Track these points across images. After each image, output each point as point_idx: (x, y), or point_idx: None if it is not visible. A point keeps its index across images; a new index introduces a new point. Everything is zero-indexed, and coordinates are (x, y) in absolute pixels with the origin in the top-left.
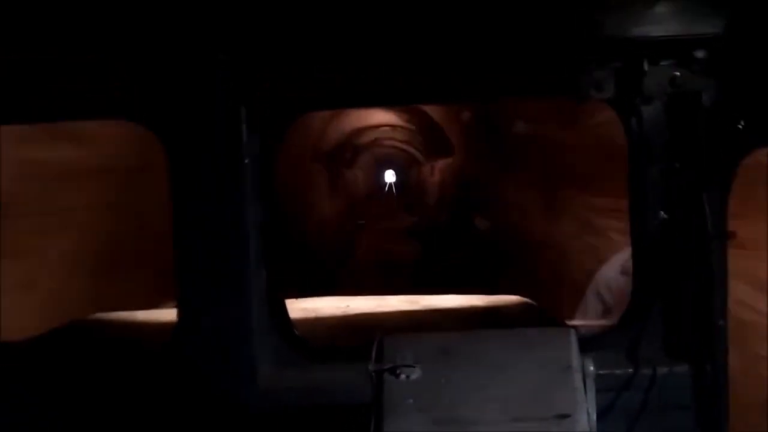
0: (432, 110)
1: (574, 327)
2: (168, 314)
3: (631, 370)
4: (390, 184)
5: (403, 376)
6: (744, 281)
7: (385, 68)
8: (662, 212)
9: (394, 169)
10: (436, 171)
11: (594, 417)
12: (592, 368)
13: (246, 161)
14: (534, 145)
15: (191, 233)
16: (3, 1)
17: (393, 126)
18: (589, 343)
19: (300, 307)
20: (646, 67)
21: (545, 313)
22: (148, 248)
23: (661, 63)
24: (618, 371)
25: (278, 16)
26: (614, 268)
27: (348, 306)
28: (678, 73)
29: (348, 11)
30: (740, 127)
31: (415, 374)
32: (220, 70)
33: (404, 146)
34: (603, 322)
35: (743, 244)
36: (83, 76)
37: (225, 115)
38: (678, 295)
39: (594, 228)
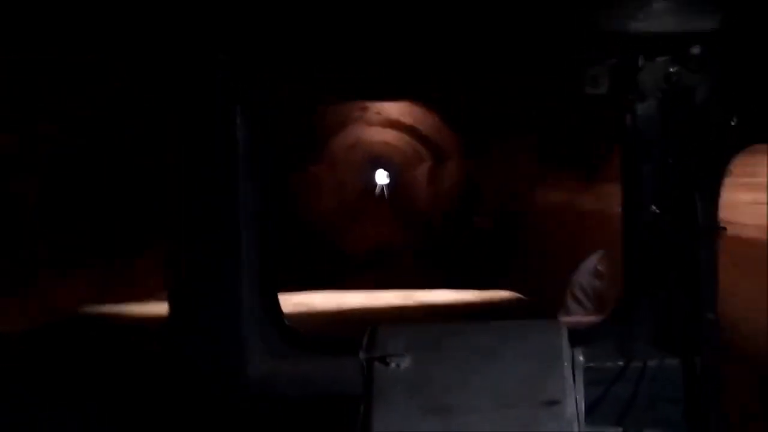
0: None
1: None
2: (159, 308)
3: (621, 363)
4: (382, 187)
5: (393, 365)
6: None
7: (386, 62)
8: (653, 207)
9: (386, 169)
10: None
11: (582, 405)
12: (581, 359)
13: (240, 151)
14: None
15: (183, 221)
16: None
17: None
18: (579, 337)
19: (293, 302)
20: (641, 63)
21: (536, 307)
22: None
23: (657, 59)
24: (608, 364)
25: (276, 17)
26: (587, 272)
27: (342, 295)
28: (673, 70)
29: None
30: (732, 124)
31: (406, 363)
32: (219, 64)
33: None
34: (588, 319)
35: None
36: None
37: (222, 104)
38: (668, 290)
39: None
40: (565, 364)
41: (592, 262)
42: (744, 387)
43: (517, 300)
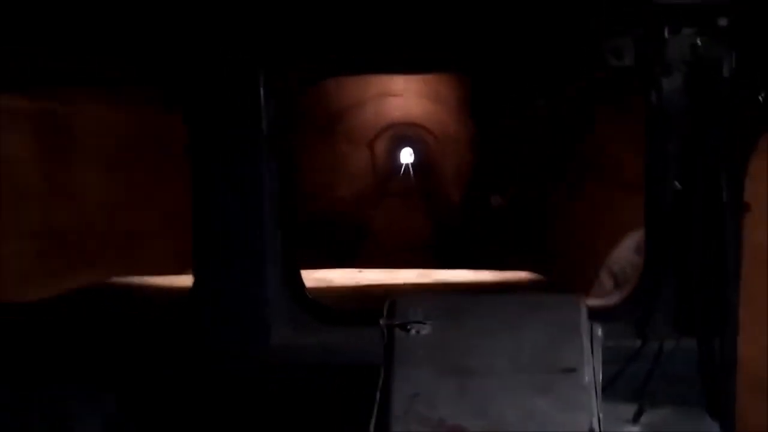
0: None
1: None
2: (182, 279)
3: (638, 342)
4: (407, 166)
5: (413, 331)
6: None
7: (407, 36)
8: (676, 183)
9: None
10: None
11: (600, 376)
12: (599, 332)
13: (264, 125)
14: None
15: (209, 197)
16: None
17: None
18: (599, 315)
19: (313, 277)
20: (667, 34)
21: (555, 288)
22: None
23: (683, 31)
24: (626, 342)
25: None
26: (629, 248)
27: (361, 272)
28: (699, 42)
29: None
30: (761, 99)
31: (426, 330)
32: (240, 35)
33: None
34: (613, 297)
35: None
36: (110, 44)
37: (244, 79)
38: (690, 269)
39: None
40: (584, 334)
41: (635, 238)
42: None
43: (537, 281)
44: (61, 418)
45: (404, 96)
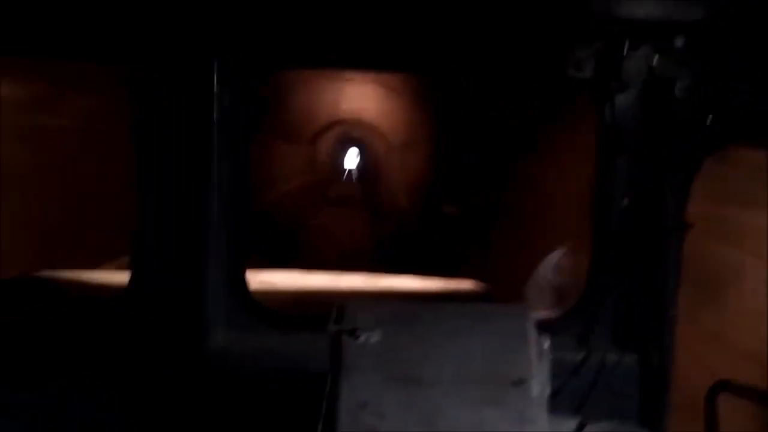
0: None
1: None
2: (116, 276)
3: (581, 355)
4: (351, 171)
5: (362, 338)
6: None
7: (365, 33)
8: (626, 199)
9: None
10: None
11: (548, 387)
12: (547, 343)
13: (215, 116)
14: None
15: (152, 189)
16: None
17: None
18: (542, 327)
19: (257, 280)
20: (626, 50)
21: (501, 298)
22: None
23: (641, 47)
24: (569, 356)
25: None
26: (549, 266)
27: (304, 281)
28: (656, 59)
29: None
30: (708, 122)
31: (375, 337)
32: (196, 22)
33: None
34: (552, 312)
35: None
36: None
37: (196, 65)
38: (632, 283)
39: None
40: (531, 345)
41: (555, 257)
42: None
43: (483, 290)
44: None
45: (356, 82)
